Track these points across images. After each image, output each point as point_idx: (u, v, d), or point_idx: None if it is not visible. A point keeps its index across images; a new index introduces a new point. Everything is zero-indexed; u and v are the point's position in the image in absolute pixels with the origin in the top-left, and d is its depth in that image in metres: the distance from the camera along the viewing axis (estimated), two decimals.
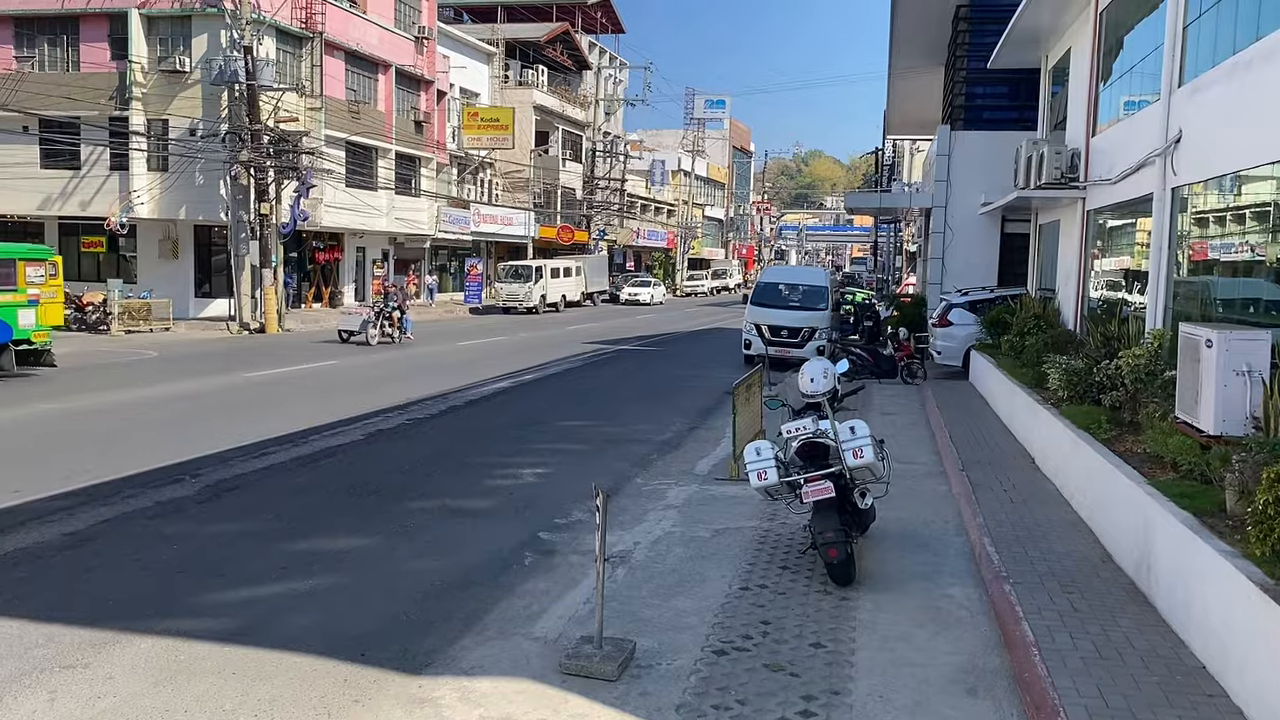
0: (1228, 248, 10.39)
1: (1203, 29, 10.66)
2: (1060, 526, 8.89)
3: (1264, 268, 9.46)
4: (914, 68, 29.36)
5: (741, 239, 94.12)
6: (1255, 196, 9.64)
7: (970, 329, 19.81)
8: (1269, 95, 8.55)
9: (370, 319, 26.37)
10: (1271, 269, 9.28)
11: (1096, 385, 10.92)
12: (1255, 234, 9.71)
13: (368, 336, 26.01)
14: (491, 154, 47.50)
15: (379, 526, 8.78)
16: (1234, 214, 10.27)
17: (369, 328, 26.14)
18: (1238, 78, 9.34)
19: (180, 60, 31.03)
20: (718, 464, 11.75)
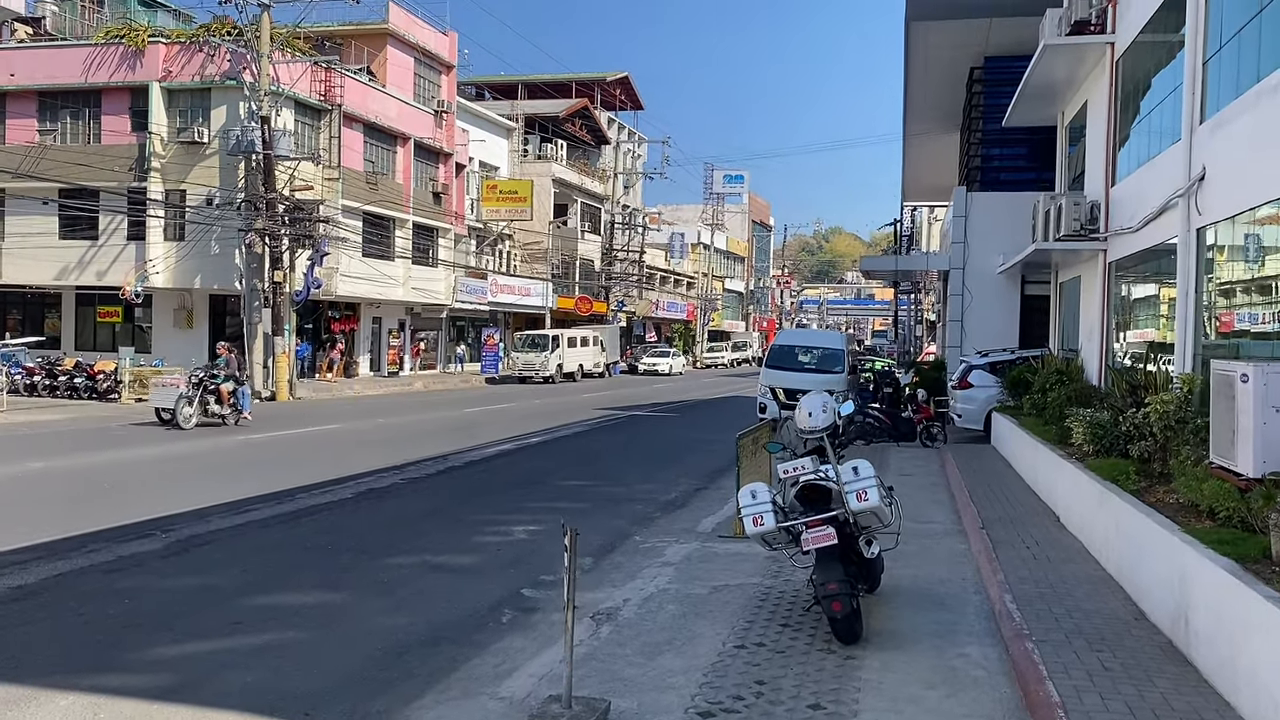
0: (1262, 285, 9.80)
1: (1223, 62, 10.24)
2: (1087, 583, 8.19)
3: None
4: (929, 132, 29.20)
5: (762, 312, 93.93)
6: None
7: (991, 391, 19.18)
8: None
9: (185, 393, 19.70)
10: None
11: (1123, 436, 10.26)
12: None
13: (180, 418, 19.39)
14: (510, 225, 47.65)
15: (350, 582, 8.20)
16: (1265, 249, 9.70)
17: (183, 405, 19.53)
18: (1264, 104, 8.87)
19: (199, 131, 31.31)
20: (723, 522, 11.10)
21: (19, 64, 32.78)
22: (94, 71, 32.03)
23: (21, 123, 33.03)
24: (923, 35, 23.52)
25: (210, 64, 31.24)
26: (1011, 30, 21.92)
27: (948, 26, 23.13)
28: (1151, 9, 13.20)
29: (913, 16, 22.95)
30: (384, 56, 38.11)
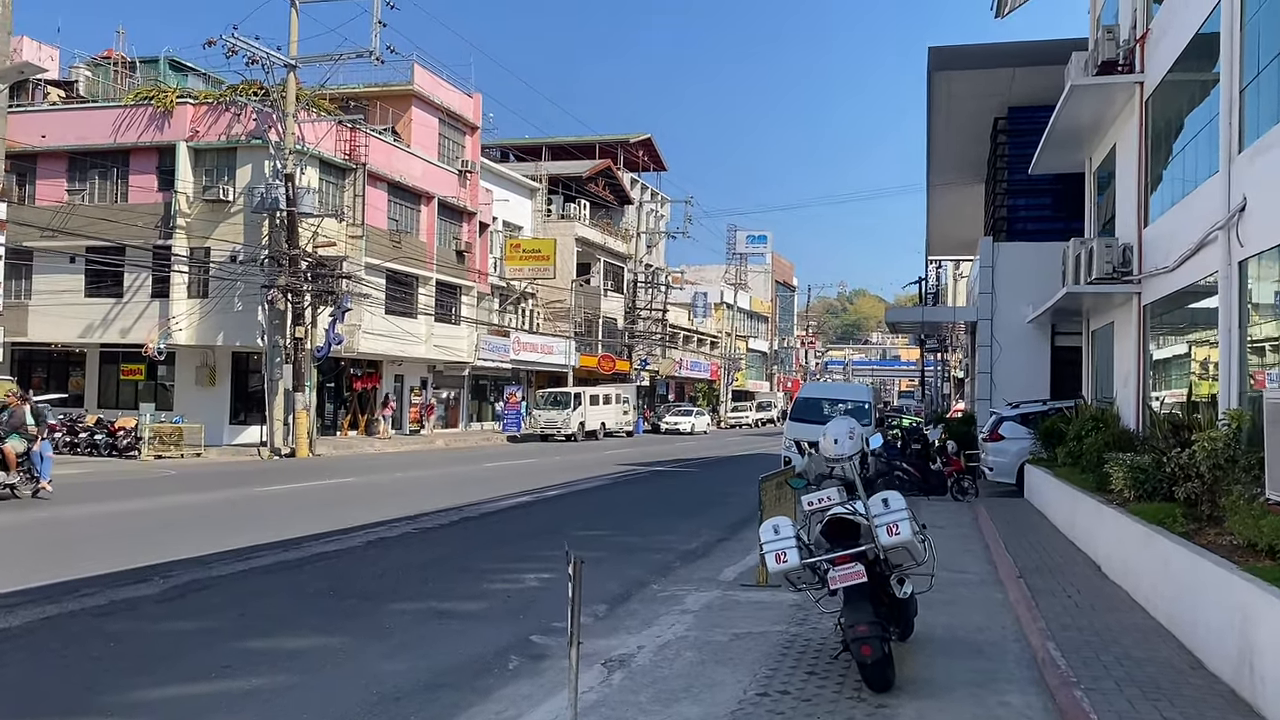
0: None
1: (1262, 87, 9.89)
2: (1135, 632, 7.64)
3: None
4: (953, 184, 28.98)
5: (786, 372, 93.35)
6: None
7: (1023, 443, 18.59)
8: None
9: None
10: None
11: (1167, 479, 9.73)
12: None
13: None
14: (533, 284, 47.67)
15: (350, 627, 7.76)
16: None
17: None
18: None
19: (224, 189, 31.55)
20: (745, 571, 10.61)
21: (51, 125, 33.29)
22: (123, 132, 32.47)
23: (52, 182, 33.47)
24: (945, 87, 23.40)
25: (236, 124, 31.60)
26: (1035, 80, 21.75)
27: (970, 77, 23.02)
28: (1182, 44, 12.93)
29: (935, 68, 22.85)
30: (409, 117, 38.47)
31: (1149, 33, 14.83)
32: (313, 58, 30.96)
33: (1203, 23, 12.10)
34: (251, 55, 29.10)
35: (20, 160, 32.41)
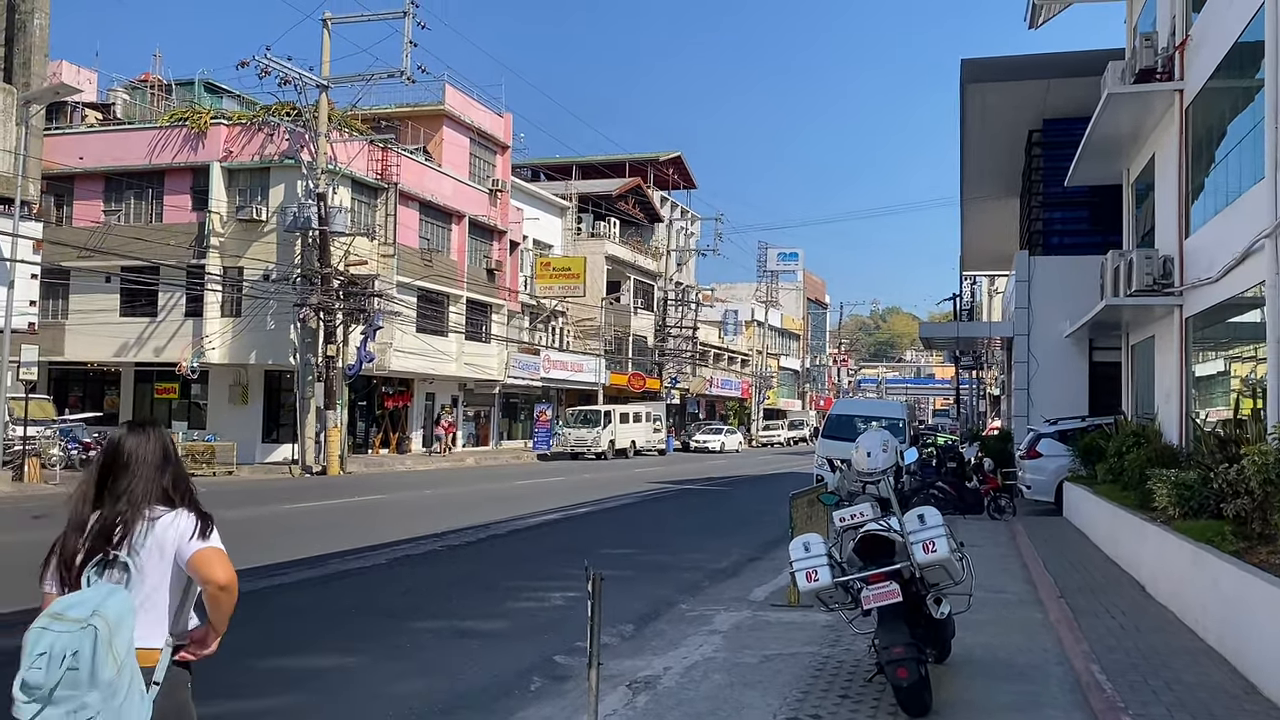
0: None
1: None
2: (1184, 654, 7.32)
3: None
4: (987, 197, 28.59)
5: (818, 390, 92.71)
6: None
7: (1061, 460, 18.19)
8: None
9: None
10: None
11: (1214, 495, 9.37)
12: None
13: None
14: (563, 302, 47.66)
15: (370, 646, 7.60)
16: None
17: None
18: None
19: (257, 209, 31.78)
20: (776, 591, 10.34)
21: (88, 147, 33.74)
22: (158, 153, 32.83)
23: (89, 203, 33.90)
24: (979, 99, 23.09)
25: (270, 144, 31.85)
26: (1070, 91, 21.41)
27: (1004, 89, 22.70)
28: (1223, 50, 12.61)
29: (968, 80, 22.57)
30: (440, 136, 38.65)
31: (1188, 39, 14.51)
32: (345, 78, 31.18)
33: (1244, 29, 11.79)
34: (284, 76, 29.34)
35: (58, 181, 32.87)
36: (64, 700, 2.62)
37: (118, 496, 3.03)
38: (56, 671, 2.62)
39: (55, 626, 2.69)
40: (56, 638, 2.66)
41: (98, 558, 2.96)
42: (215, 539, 3.08)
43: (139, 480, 3.06)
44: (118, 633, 2.72)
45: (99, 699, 2.65)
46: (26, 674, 2.63)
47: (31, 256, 23.63)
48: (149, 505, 3.04)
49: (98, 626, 2.68)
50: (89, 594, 2.84)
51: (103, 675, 2.65)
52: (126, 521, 2.99)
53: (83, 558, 2.97)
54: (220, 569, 3.02)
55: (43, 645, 2.65)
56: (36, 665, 2.63)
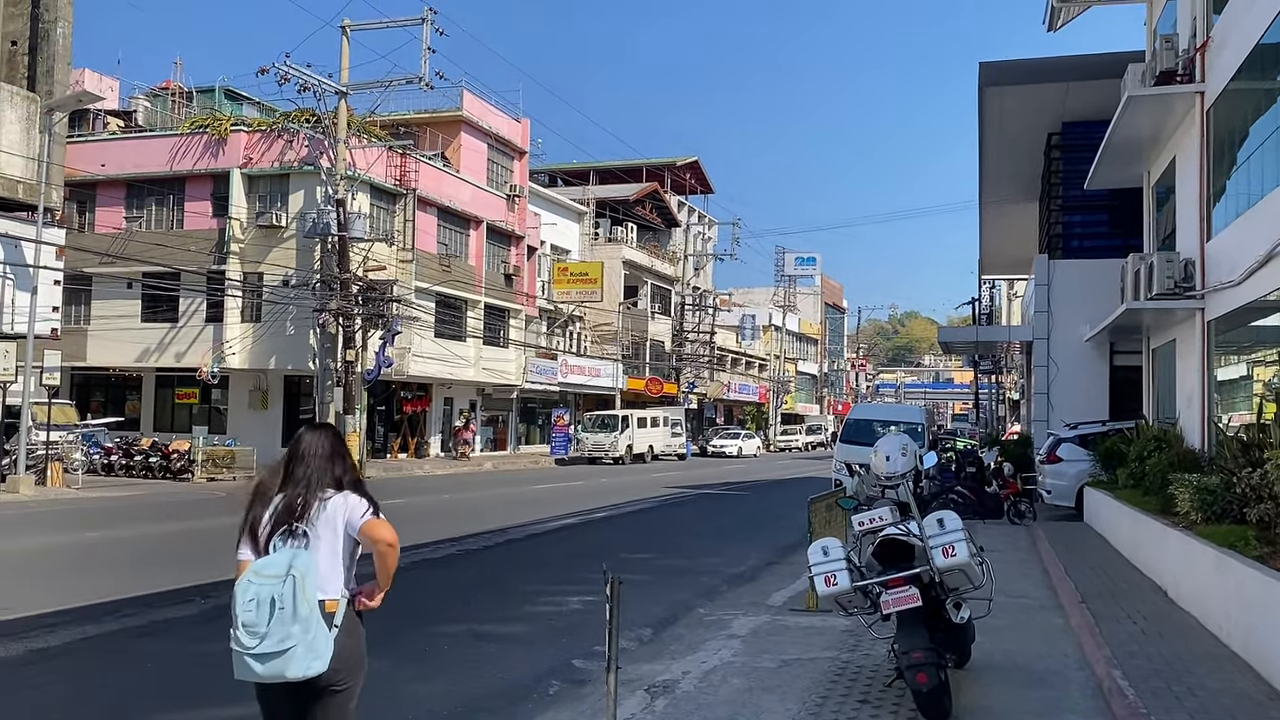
0: None
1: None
2: (1207, 660, 7.25)
3: None
4: (1006, 201, 28.43)
5: (837, 395, 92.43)
6: None
7: (1082, 465, 18.05)
8: None
9: None
10: None
11: (1238, 500, 9.29)
12: None
13: None
14: (580, 307, 47.72)
15: (388, 649, 7.61)
16: None
17: None
18: None
19: (277, 215, 32.00)
20: (795, 596, 10.30)
21: (110, 154, 34.05)
22: (179, 160, 33.12)
23: (110, 209, 34.20)
24: (998, 102, 22.97)
25: (289, 150, 32.06)
26: (1089, 94, 21.27)
27: (1023, 92, 22.57)
28: (1245, 51, 12.51)
29: (987, 83, 22.45)
30: (458, 142, 38.80)
31: (1209, 41, 14.40)
32: (364, 84, 31.30)
33: (1266, 30, 11.69)
34: (304, 83, 29.47)
35: (81, 188, 33.17)
36: (274, 633, 3.52)
37: (297, 482, 3.85)
38: (265, 612, 3.52)
39: (258, 580, 3.58)
40: (261, 588, 3.56)
41: (283, 528, 3.77)
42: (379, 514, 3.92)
43: (314, 470, 3.88)
44: (308, 582, 3.59)
45: (299, 631, 3.54)
46: (242, 616, 3.55)
47: (54, 263, 23.86)
48: (321, 489, 3.84)
49: (295, 577, 3.56)
50: (280, 556, 3.68)
51: (300, 613, 3.54)
52: (306, 502, 3.80)
53: (270, 529, 3.79)
54: (386, 530, 3.88)
55: (250, 594, 3.56)
56: (248, 609, 3.54)
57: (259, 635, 3.54)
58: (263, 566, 3.65)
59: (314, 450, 3.94)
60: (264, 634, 3.53)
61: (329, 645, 3.67)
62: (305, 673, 3.60)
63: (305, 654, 3.58)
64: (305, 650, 3.57)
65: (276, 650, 3.53)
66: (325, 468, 3.90)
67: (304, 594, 3.57)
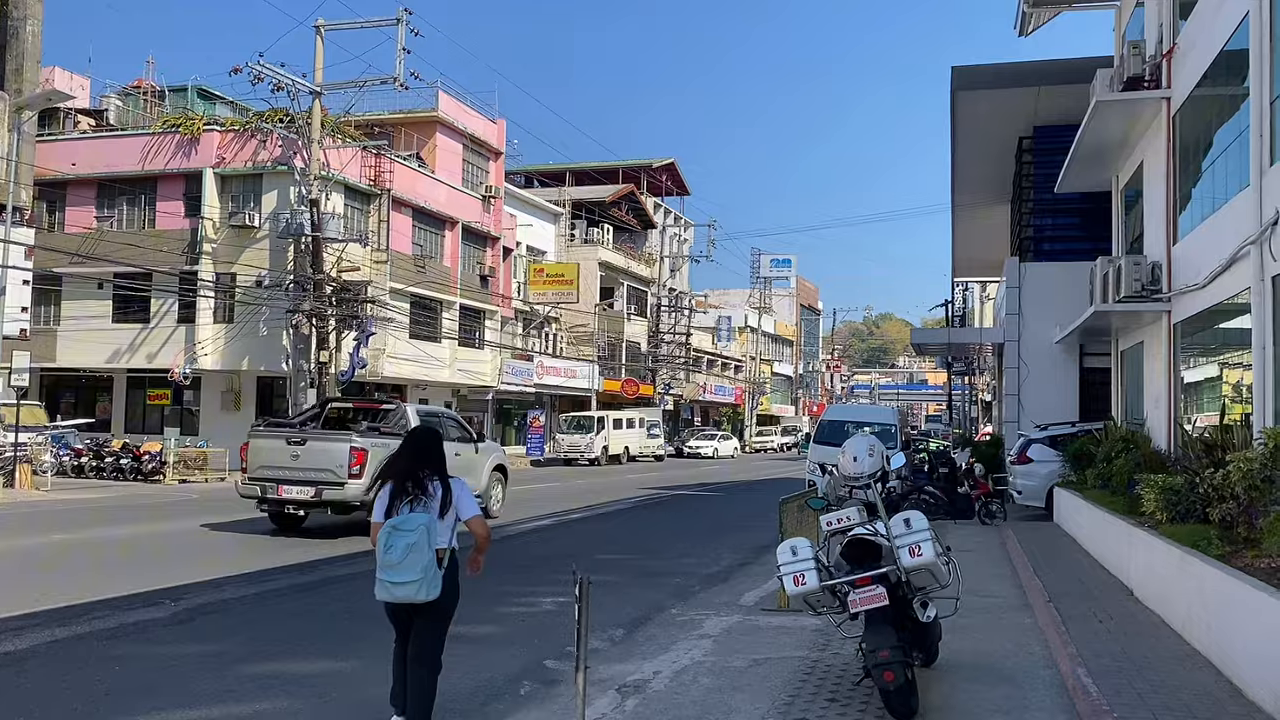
0: None
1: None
2: (1170, 659, 7.37)
3: None
4: (978, 204, 28.69)
5: (812, 396, 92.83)
6: None
7: (1052, 466, 18.25)
8: None
9: None
10: None
11: (1201, 500, 9.44)
12: None
13: None
14: (556, 308, 47.69)
15: (361, 651, 7.62)
16: None
17: None
18: None
19: (250, 215, 31.78)
20: (767, 596, 10.37)
21: (81, 153, 33.72)
22: (150, 159, 32.84)
23: (81, 209, 33.86)
24: (970, 106, 23.19)
25: (262, 150, 31.87)
26: (1060, 99, 21.51)
27: (994, 96, 22.80)
28: (1210, 58, 12.72)
29: (958, 87, 22.65)
30: (433, 143, 38.71)
31: (1176, 48, 14.62)
32: (338, 84, 31.17)
33: (1230, 36, 11.89)
34: (277, 82, 29.32)
35: (51, 188, 32.83)
36: (413, 564, 5.10)
37: (418, 466, 5.40)
38: (403, 552, 5.11)
39: (401, 530, 5.16)
40: (405, 535, 5.14)
41: (408, 498, 5.30)
42: (475, 508, 5.54)
43: (429, 459, 5.46)
44: (431, 535, 5.18)
45: (429, 561, 5.14)
46: (386, 557, 5.15)
47: (23, 263, 23.62)
48: (434, 473, 5.42)
49: (427, 527, 5.17)
50: (412, 516, 5.23)
51: (426, 556, 5.13)
52: (426, 480, 5.38)
53: (397, 499, 5.33)
54: (481, 527, 5.59)
55: (395, 540, 5.13)
56: (392, 546, 5.13)
57: (402, 569, 5.10)
58: (400, 522, 5.20)
59: (428, 446, 5.52)
60: (401, 563, 5.10)
61: (439, 580, 5.21)
62: (426, 597, 5.15)
63: (426, 584, 5.13)
64: (426, 582, 5.13)
65: (413, 580, 5.09)
66: (435, 458, 5.48)
67: (430, 539, 5.15)
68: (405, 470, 5.39)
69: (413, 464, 5.41)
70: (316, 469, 14.35)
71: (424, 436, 5.60)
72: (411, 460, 5.43)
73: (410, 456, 5.45)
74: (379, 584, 5.20)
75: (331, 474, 14.28)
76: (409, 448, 5.51)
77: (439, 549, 5.23)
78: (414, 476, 5.35)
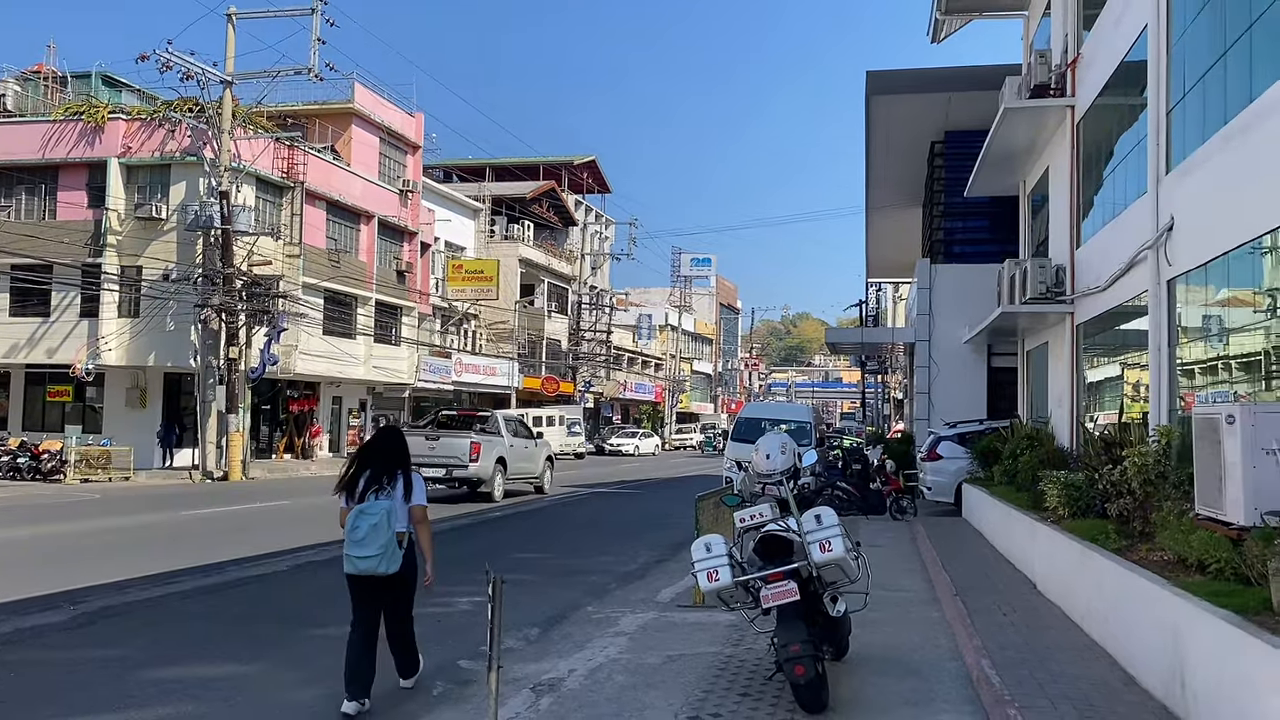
0: (1240, 329, 9.47)
1: (1188, 109, 10.07)
2: (1070, 650, 7.62)
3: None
4: (892, 206, 29.29)
5: (730, 394, 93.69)
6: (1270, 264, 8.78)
7: (961, 463, 18.72)
8: (1273, 152, 7.78)
9: None
10: None
11: (1100, 495, 9.78)
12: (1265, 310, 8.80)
13: None
14: (476, 305, 47.28)
15: (270, 654, 7.47)
16: (1237, 297, 9.39)
17: None
18: (1233, 145, 8.63)
19: (157, 207, 30.83)
20: (683, 592, 10.43)
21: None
22: (52, 148, 31.63)
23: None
24: (884, 110, 23.66)
25: (171, 140, 30.95)
26: (971, 105, 22.07)
27: (908, 101, 23.30)
28: (1111, 68, 13.17)
29: (873, 92, 23.10)
30: (349, 135, 38.06)
31: (1080, 57, 15.10)
32: (250, 74, 30.47)
33: (1130, 47, 12.33)
34: (187, 71, 28.51)
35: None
36: (374, 541, 5.92)
37: (383, 463, 6.20)
38: (367, 531, 5.93)
39: (368, 514, 5.96)
40: (369, 518, 5.95)
41: (374, 487, 6.08)
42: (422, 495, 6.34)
43: (391, 455, 6.27)
44: (393, 518, 5.99)
45: (389, 539, 5.95)
46: (352, 535, 6.00)
47: None
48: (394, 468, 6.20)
49: (389, 510, 5.98)
50: (377, 502, 6.02)
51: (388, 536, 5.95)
52: (388, 474, 6.15)
53: (364, 488, 6.09)
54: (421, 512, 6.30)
55: (360, 522, 5.95)
56: (358, 526, 5.97)
57: (365, 545, 5.92)
58: (366, 506, 6.00)
59: (392, 442, 6.34)
60: (364, 541, 5.90)
61: (399, 556, 6.03)
62: (386, 570, 5.98)
63: (386, 559, 5.95)
64: (386, 557, 5.95)
65: (374, 554, 5.92)
66: (396, 454, 6.28)
67: (391, 525, 5.95)
68: (375, 464, 6.17)
69: (381, 458, 6.19)
70: (447, 456, 20.39)
71: (389, 436, 6.41)
72: (381, 455, 6.22)
73: (379, 452, 6.24)
74: (346, 559, 6.01)
75: (458, 460, 20.42)
76: (378, 445, 6.32)
77: (399, 531, 6.01)
78: (383, 470, 6.13)
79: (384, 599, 6.19)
